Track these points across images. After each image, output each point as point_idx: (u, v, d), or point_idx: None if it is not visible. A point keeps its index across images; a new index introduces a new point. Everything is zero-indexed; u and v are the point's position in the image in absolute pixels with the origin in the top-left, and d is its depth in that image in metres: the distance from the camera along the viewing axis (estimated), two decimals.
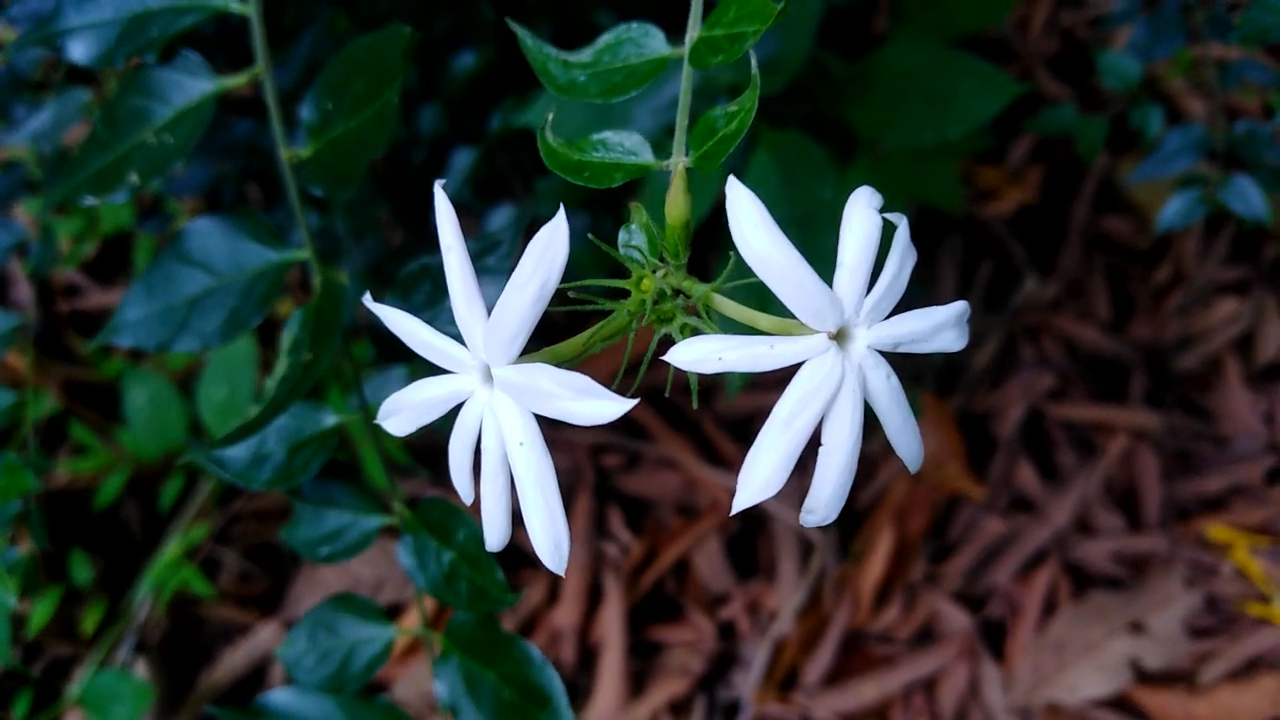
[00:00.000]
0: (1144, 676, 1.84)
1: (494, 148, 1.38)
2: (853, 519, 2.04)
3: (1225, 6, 1.21)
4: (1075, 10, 2.39)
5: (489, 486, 0.51)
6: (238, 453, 0.68)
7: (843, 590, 1.98)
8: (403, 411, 0.55)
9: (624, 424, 2.10)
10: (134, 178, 0.60)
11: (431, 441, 1.98)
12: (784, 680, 1.94)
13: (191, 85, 0.62)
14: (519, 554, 2.09)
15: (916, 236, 0.59)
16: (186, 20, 0.61)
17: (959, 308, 0.57)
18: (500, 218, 1.37)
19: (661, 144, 0.63)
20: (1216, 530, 1.97)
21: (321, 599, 0.82)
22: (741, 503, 0.52)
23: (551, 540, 0.50)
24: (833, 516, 0.55)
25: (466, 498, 0.54)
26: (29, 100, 1.22)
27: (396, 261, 1.53)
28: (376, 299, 0.58)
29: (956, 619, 1.95)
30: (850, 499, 1.86)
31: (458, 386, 0.52)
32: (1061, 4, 2.37)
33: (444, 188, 1.34)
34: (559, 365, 0.50)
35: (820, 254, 1.26)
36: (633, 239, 0.57)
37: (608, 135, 0.59)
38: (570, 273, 0.53)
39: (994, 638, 1.95)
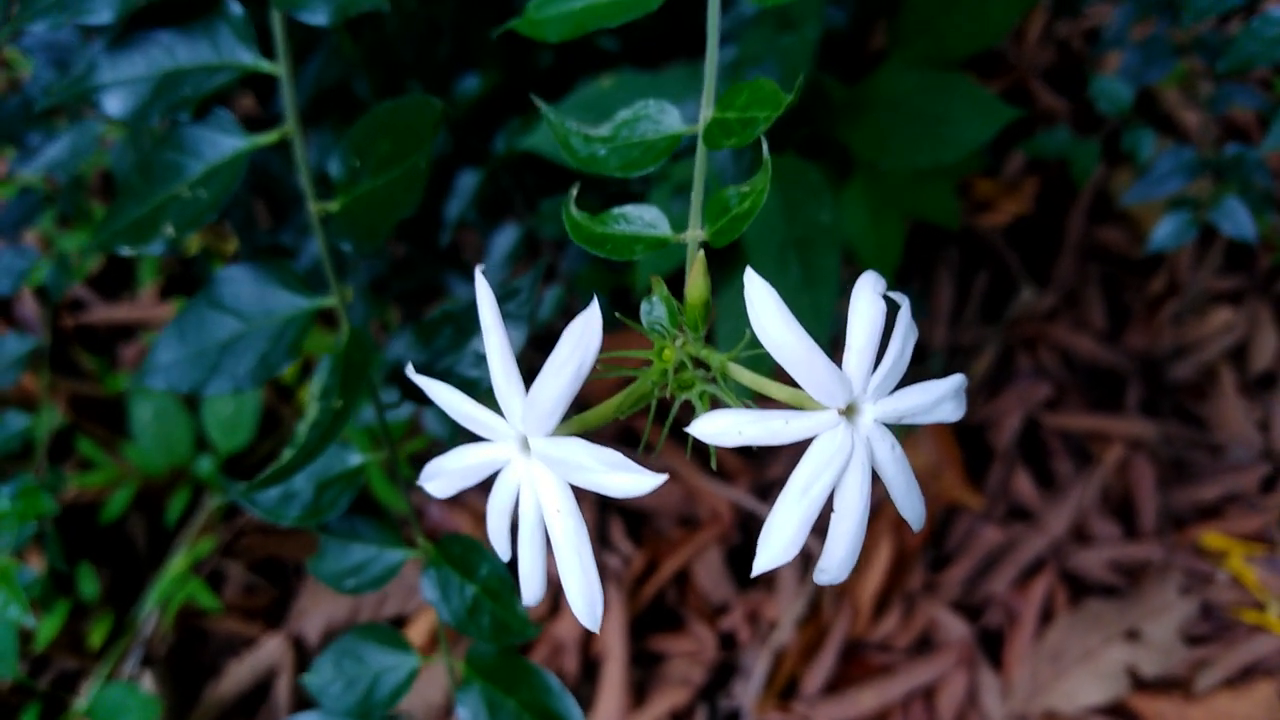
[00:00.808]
0: (1140, 684, 1.87)
1: (498, 169, 1.40)
2: None
3: (1213, 27, 1.23)
4: (1070, 22, 2.41)
5: (526, 548, 0.54)
6: (268, 490, 0.70)
7: (842, 600, 2.00)
8: (443, 476, 0.57)
9: (624, 437, 2.12)
10: (170, 230, 0.62)
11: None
12: (784, 689, 1.96)
13: (224, 142, 0.64)
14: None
15: (914, 247, 0.62)
16: (219, 79, 0.63)
17: (956, 381, 0.59)
18: (505, 236, 1.39)
19: (660, 176, 0.65)
20: (1212, 538, 1.99)
21: (346, 627, 0.83)
22: (761, 566, 0.54)
23: (587, 600, 0.53)
24: (844, 576, 0.58)
25: (504, 556, 0.57)
26: (43, 128, 1.24)
27: (399, 276, 1.55)
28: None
29: (955, 627, 1.97)
30: None
31: (496, 455, 0.55)
32: (1056, 15, 2.40)
33: (449, 211, 1.36)
34: (589, 430, 0.53)
35: (818, 277, 1.29)
36: (654, 311, 0.60)
37: (628, 209, 0.61)
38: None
39: (992, 646, 1.97)
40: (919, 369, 2.19)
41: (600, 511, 2.11)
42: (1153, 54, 1.22)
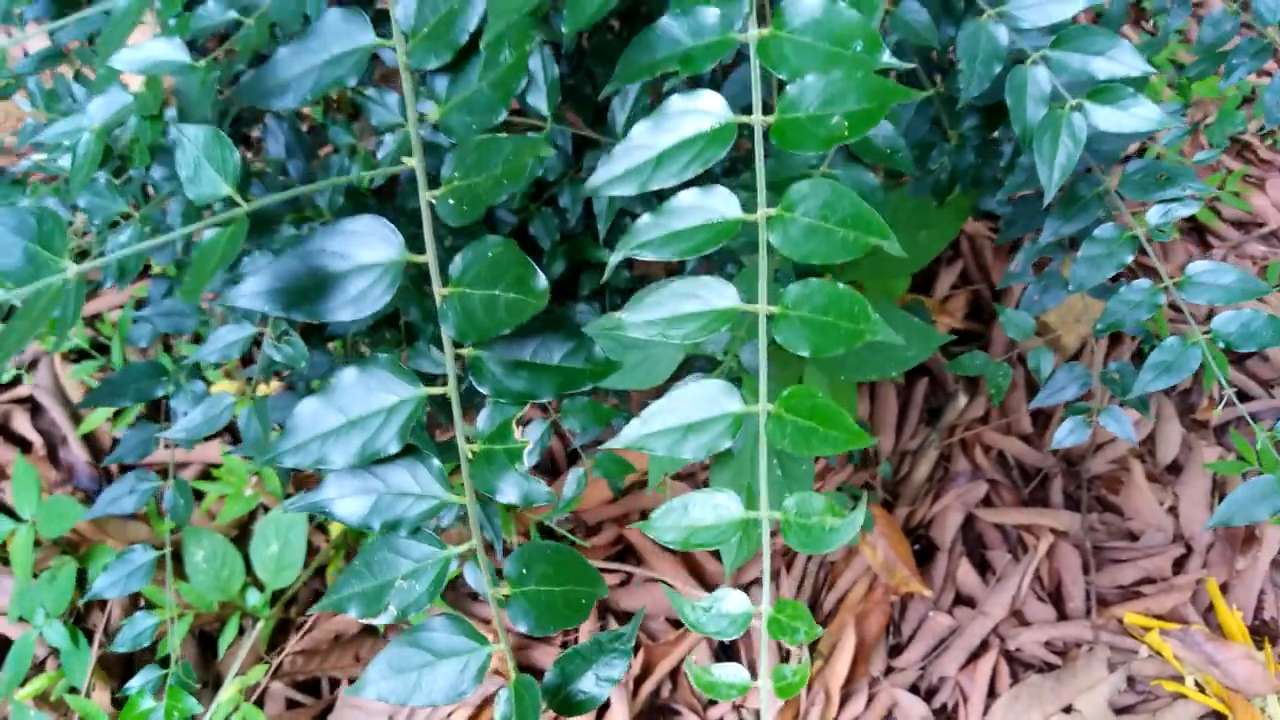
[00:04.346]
0: None
1: None
2: (818, 623, 2.35)
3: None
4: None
5: None
6: None
7: (813, 686, 2.28)
8: None
9: (620, 548, 2.40)
10: (393, 609, 0.88)
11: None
12: None
13: (426, 549, 0.90)
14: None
15: None
16: (422, 505, 0.89)
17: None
18: (536, 428, 1.66)
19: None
20: (1133, 617, 2.26)
21: None
22: None
23: None
24: None
25: None
26: (164, 381, 1.48)
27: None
28: None
29: (914, 707, 2.23)
30: (815, 604, 2.15)
31: None
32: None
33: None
34: None
35: (795, 476, 1.57)
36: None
37: (711, 598, 0.88)
38: None
39: None
40: (869, 472, 2.48)
41: (600, 618, 2.38)
42: (1048, 287, 1.52)
